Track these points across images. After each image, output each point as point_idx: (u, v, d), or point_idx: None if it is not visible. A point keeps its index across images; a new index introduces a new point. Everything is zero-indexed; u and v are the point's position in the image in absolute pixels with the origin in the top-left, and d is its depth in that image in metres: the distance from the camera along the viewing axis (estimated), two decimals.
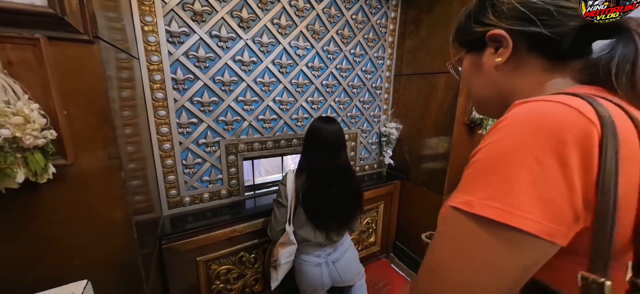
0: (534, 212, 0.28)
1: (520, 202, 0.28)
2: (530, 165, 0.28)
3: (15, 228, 0.64)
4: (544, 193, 0.28)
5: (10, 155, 0.52)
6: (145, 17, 1.18)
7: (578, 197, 0.28)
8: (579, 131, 0.28)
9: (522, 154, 0.29)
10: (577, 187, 0.28)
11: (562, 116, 0.29)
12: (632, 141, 0.29)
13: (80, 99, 0.67)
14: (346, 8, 1.73)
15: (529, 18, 0.38)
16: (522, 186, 0.28)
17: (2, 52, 0.57)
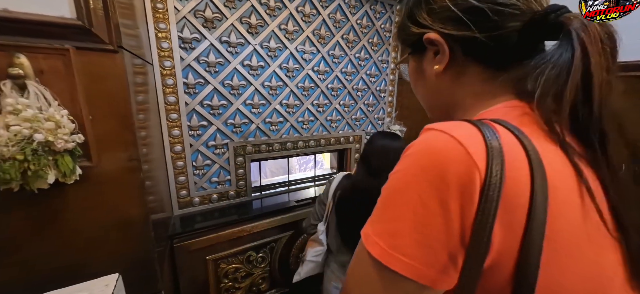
0: (412, 254, 0.28)
1: (401, 243, 0.28)
2: (415, 206, 0.28)
3: (45, 223, 0.69)
4: (423, 237, 0.28)
5: (43, 158, 0.57)
6: (159, 24, 1.23)
7: (456, 241, 0.27)
8: (461, 172, 0.26)
9: (410, 193, 0.29)
10: (455, 231, 0.27)
11: (449, 154, 0.27)
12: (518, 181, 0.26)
13: (104, 105, 0.71)
14: (351, 13, 1.77)
15: (461, 20, 0.33)
16: (406, 228, 0.28)
17: (35, 61, 0.62)
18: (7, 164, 0.53)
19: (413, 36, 0.39)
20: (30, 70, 0.61)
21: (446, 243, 0.27)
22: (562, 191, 0.27)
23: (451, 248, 0.27)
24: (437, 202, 0.27)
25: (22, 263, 0.69)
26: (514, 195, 0.26)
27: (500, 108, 0.34)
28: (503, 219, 0.26)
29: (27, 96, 0.59)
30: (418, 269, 0.28)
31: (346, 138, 1.99)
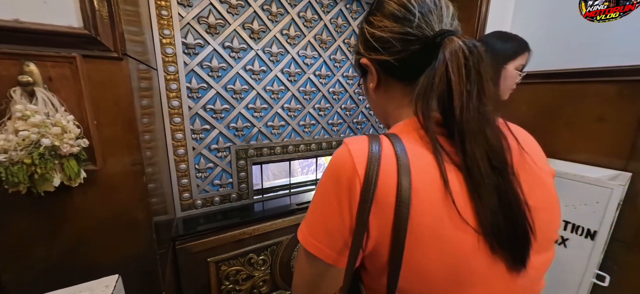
0: (322, 240, 0.37)
1: (316, 231, 0.38)
2: (324, 203, 0.38)
3: (51, 225, 0.71)
4: (328, 227, 0.37)
5: (50, 161, 0.59)
6: (164, 30, 1.26)
7: (347, 230, 0.35)
8: (348, 178, 0.35)
9: (323, 193, 0.38)
10: (346, 222, 0.35)
11: (343, 164, 0.36)
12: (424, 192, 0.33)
13: (109, 110, 0.74)
14: (353, 18, 1.79)
15: (376, 48, 0.42)
16: (319, 220, 0.38)
17: (44, 69, 0.64)
18: (15, 167, 0.55)
19: (357, 63, 0.49)
20: (39, 78, 0.63)
21: (342, 231, 0.36)
22: (425, 192, 0.33)
23: (345, 235, 0.36)
24: (335, 200, 0.36)
25: (29, 262, 0.71)
26: (385, 195, 0.33)
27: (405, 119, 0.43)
28: (377, 214, 0.34)
29: (36, 102, 0.61)
30: (324, 251, 0.37)
31: None
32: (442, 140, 0.36)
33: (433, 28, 0.39)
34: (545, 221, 0.39)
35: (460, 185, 0.34)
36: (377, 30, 0.42)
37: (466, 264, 0.33)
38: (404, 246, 0.32)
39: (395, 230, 0.32)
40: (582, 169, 1.32)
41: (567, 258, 1.25)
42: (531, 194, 0.37)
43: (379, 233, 0.34)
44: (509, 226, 0.34)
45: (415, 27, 0.39)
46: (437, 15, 0.39)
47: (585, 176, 1.17)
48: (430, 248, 0.32)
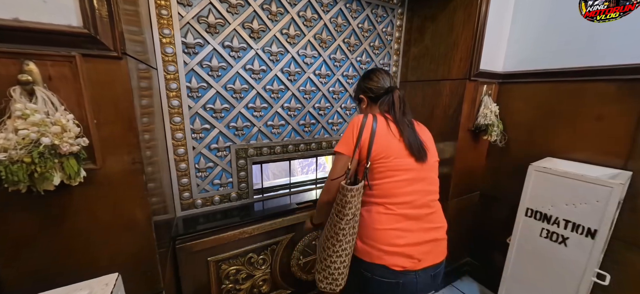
0: (345, 147, 0.92)
1: (344, 143, 0.93)
2: (348, 132, 0.94)
3: (51, 223, 0.71)
4: (349, 141, 0.92)
5: (50, 160, 0.59)
6: (164, 30, 1.26)
7: (354, 140, 0.91)
8: (358, 125, 0.92)
9: (348, 130, 0.95)
10: (355, 137, 0.91)
11: (357, 121, 0.94)
12: (382, 128, 0.91)
13: (108, 109, 0.74)
14: (353, 17, 1.79)
15: (367, 91, 1.05)
16: (346, 138, 0.94)
17: (43, 68, 0.64)
18: (15, 166, 0.56)
19: (356, 96, 1.14)
20: (38, 77, 0.63)
21: (354, 143, 0.91)
22: (380, 129, 0.91)
23: (354, 142, 0.92)
24: (353, 130, 0.93)
25: (30, 260, 0.72)
26: (367, 128, 0.91)
27: (376, 113, 0.99)
28: (364, 134, 0.90)
29: (36, 101, 0.61)
30: (345, 150, 0.93)
31: None
32: (388, 116, 0.97)
33: (388, 85, 1.03)
34: (430, 148, 0.99)
35: (395, 129, 0.93)
36: (368, 85, 1.06)
37: (399, 150, 0.90)
38: (374, 139, 0.89)
39: (370, 136, 0.90)
40: (581, 168, 1.32)
41: (567, 256, 1.25)
42: (423, 138, 0.97)
43: (364, 138, 0.90)
44: (415, 144, 0.91)
45: (381, 85, 1.03)
46: (389, 81, 1.04)
47: (585, 175, 1.17)
48: (382, 140, 0.89)
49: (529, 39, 1.64)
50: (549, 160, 1.48)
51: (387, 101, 0.96)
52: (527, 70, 1.66)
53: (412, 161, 0.87)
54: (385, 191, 0.87)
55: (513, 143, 1.76)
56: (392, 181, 0.86)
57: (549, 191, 1.29)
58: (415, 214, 0.86)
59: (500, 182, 1.86)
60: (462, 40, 1.63)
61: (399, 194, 0.86)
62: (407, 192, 0.86)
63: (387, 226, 0.84)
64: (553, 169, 1.27)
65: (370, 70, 1.07)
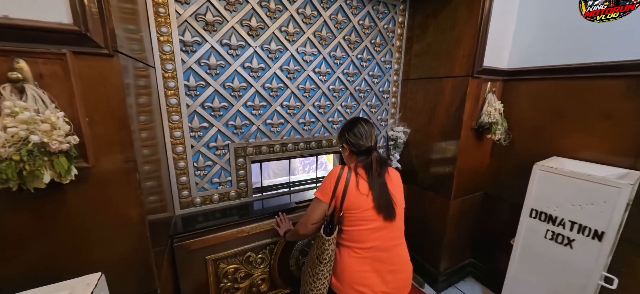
0: (324, 195, 1.06)
1: (323, 192, 1.07)
2: (327, 182, 1.06)
3: (44, 222, 0.71)
4: (327, 190, 1.05)
5: (39, 158, 0.59)
6: (161, 28, 1.25)
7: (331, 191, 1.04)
8: (336, 175, 1.05)
9: (327, 179, 1.07)
10: (332, 189, 1.04)
11: (336, 170, 1.07)
12: (353, 185, 1.03)
13: (101, 107, 0.73)
14: (353, 14, 1.76)
15: (349, 143, 1.11)
16: (325, 188, 1.06)
17: (34, 66, 0.64)
18: (3, 164, 0.55)
19: (341, 144, 1.18)
20: (29, 74, 0.63)
21: (331, 193, 1.05)
22: (352, 185, 1.03)
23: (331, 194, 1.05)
24: (329, 182, 1.06)
25: (24, 259, 0.72)
26: (342, 181, 1.04)
27: (353, 165, 1.09)
28: (338, 189, 1.04)
29: (25, 99, 0.61)
30: (324, 198, 1.07)
31: None
32: (361, 172, 1.06)
33: (368, 144, 1.08)
34: (398, 202, 1.07)
35: (365, 185, 1.03)
36: (351, 138, 1.11)
37: (368, 211, 1.01)
38: (347, 192, 1.02)
39: (344, 188, 1.02)
40: (588, 167, 1.28)
41: (573, 259, 1.21)
42: (393, 192, 1.06)
43: (339, 190, 1.03)
44: (384, 204, 1.02)
45: (362, 144, 1.08)
46: (370, 139, 1.09)
47: (592, 175, 1.13)
48: (352, 197, 1.01)
49: (535, 35, 1.59)
50: (554, 159, 1.44)
51: (366, 160, 1.06)
52: (533, 67, 1.61)
53: (380, 217, 1.01)
54: (355, 236, 1.02)
55: (518, 142, 1.72)
56: (360, 230, 1.01)
57: (554, 192, 1.25)
58: (379, 256, 1.02)
59: (505, 182, 1.82)
60: (465, 37, 1.59)
61: (365, 240, 1.01)
62: (373, 239, 1.01)
63: (356, 269, 1.02)
64: (558, 168, 1.23)
65: (354, 122, 1.12)
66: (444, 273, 1.95)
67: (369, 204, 1.00)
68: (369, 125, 1.11)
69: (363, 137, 1.07)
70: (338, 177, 1.03)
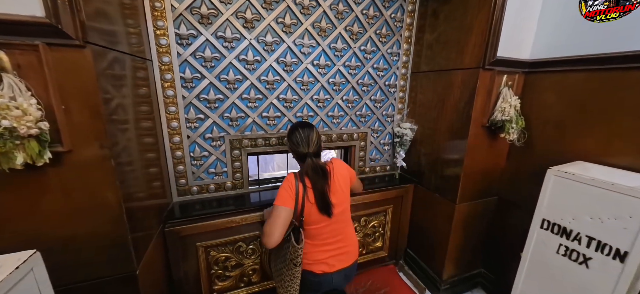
0: (287, 202, 1.13)
1: (285, 200, 1.13)
2: (288, 191, 1.14)
3: (23, 201, 0.78)
4: (290, 197, 1.13)
5: (9, 141, 0.64)
6: (157, 22, 1.30)
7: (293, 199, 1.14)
8: (293, 183, 1.15)
9: (286, 188, 1.15)
10: (294, 196, 1.14)
11: (291, 177, 1.17)
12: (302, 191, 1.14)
13: (76, 96, 0.78)
14: (356, 3, 1.68)
15: (290, 149, 1.24)
16: (286, 196, 1.13)
17: (12, 57, 0.70)
18: None
19: None
20: (8, 65, 0.69)
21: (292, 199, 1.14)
22: (305, 200, 1.15)
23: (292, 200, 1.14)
24: (289, 190, 1.15)
25: (11, 234, 0.80)
26: (300, 193, 1.15)
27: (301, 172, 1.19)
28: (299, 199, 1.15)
29: (2, 88, 0.67)
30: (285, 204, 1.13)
31: (350, 135, 1.91)
32: (307, 181, 1.16)
33: (304, 150, 1.17)
34: (336, 201, 1.18)
35: (311, 193, 1.15)
36: (289, 146, 1.23)
37: (314, 214, 1.16)
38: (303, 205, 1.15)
39: (302, 201, 1.14)
40: (615, 174, 1.09)
41: (588, 280, 1.04)
42: (333, 193, 1.19)
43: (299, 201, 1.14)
44: (323, 206, 1.15)
45: (299, 150, 1.18)
46: (306, 145, 1.17)
47: (616, 184, 0.95)
48: (307, 208, 1.15)
49: (565, 22, 1.38)
50: (577, 164, 1.25)
51: (305, 166, 1.17)
52: (562, 56, 1.40)
53: (324, 217, 1.17)
54: (312, 234, 1.20)
55: (539, 143, 1.52)
56: (314, 228, 1.19)
57: (571, 201, 1.08)
58: (330, 243, 1.22)
59: (522, 187, 1.63)
60: (476, 24, 1.43)
61: (319, 235, 1.20)
62: (324, 234, 1.20)
63: (314, 252, 1.21)
64: (576, 174, 1.06)
65: (293, 129, 1.22)
66: (448, 281, 1.81)
67: (315, 209, 1.15)
68: (308, 130, 1.19)
69: (299, 144, 1.17)
70: (296, 187, 1.14)
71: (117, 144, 0.89)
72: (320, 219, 1.17)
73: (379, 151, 2.07)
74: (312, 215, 1.15)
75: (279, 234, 1.08)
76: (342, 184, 1.23)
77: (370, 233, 1.95)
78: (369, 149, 2.02)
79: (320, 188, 1.14)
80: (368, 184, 1.95)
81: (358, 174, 2.03)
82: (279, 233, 1.08)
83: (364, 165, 2.04)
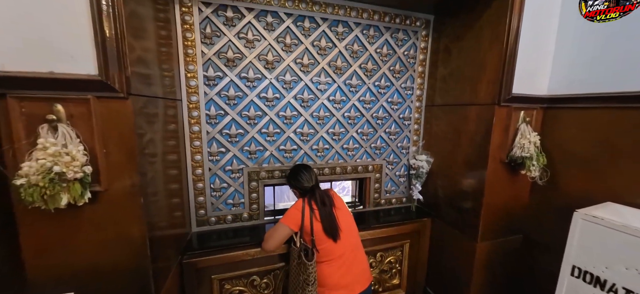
0: (291, 223, 1.35)
1: (290, 220, 1.35)
2: (295, 214, 1.35)
3: (62, 236, 0.86)
4: (296, 218, 1.34)
5: (57, 185, 0.72)
6: (189, 66, 1.44)
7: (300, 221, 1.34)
8: (301, 207, 1.37)
9: (294, 211, 1.36)
10: (300, 219, 1.34)
11: (299, 203, 1.38)
12: (309, 212, 1.34)
13: (116, 140, 0.87)
14: (370, 43, 1.77)
15: (296, 187, 1.46)
16: (293, 218, 1.35)
17: (67, 108, 0.80)
18: (31, 189, 0.70)
19: (291, 186, 1.51)
20: (63, 115, 0.79)
21: (299, 221, 1.34)
22: (306, 215, 1.34)
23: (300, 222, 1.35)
24: (296, 213, 1.36)
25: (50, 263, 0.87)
26: (307, 215, 1.34)
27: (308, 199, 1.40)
28: (306, 219, 1.34)
29: (57, 136, 0.76)
30: (290, 224, 1.36)
31: (365, 167, 1.93)
32: (313, 205, 1.37)
33: (309, 184, 1.43)
34: (344, 227, 1.37)
35: (317, 214, 1.35)
36: (296, 184, 1.45)
37: (320, 232, 1.33)
38: (312, 224, 1.33)
39: (310, 221, 1.33)
40: None
41: None
42: (339, 217, 1.38)
43: (306, 222, 1.33)
44: (329, 226, 1.33)
45: (306, 186, 1.42)
46: (310, 181, 1.43)
47: None
48: (315, 226, 1.33)
49: (582, 58, 1.37)
50: (607, 206, 1.18)
51: (311, 196, 1.39)
52: (580, 93, 1.38)
53: (330, 240, 1.33)
54: (326, 252, 1.33)
55: (563, 180, 1.46)
56: (328, 245, 1.33)
57: (602, 248, 1.01)
58: (346, 261, 1.35)
59: (548, 226, 1.54)
60: (489, 62, 1.45)
61: (333, 251, 1.33)
62: (337, 250, 1.33)
63: (332, 274, 1.33)
64: (606, 219, 1.00)
65: (296, 171, 1.47)
66: None
67: (320, 228, 1.32)
68: (308, 169, 1.47)
69: (305, 180, 1.42)
70: (303, 209, 1.34)
71: (145, 175, 0.97)
72: (324, 239, 1.32)
73: (394, 182, 2.05)
74: (320, 232, 1.32)
75: (275, 244, 1.37)
76: (342, 203, 1.48)
77: (387, 269, 1.89)
78: (384, 180, 2.01)
79: (328, 209, 1.35)
80: (384, 216, 1.92)
81: (373, 206, 2.01)
82: (275, 244, 1.37)
83: (379, 197, 2.02)
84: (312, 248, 1.32)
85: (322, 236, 1.32)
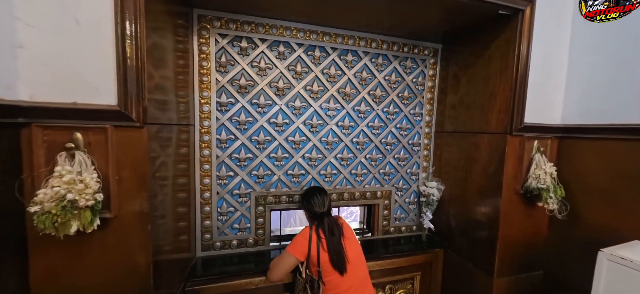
0: (297, 252, 1.32)
1: (296, 249, 1.33)
2: (301, 242, 1.33)
3: (75, 259, 0.86)
4: (302, 248, 1.32)
5: (69, 212, 0.73)
6: (203, 92, 1.49)
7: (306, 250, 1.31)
8: (307, 235, 1.34)
9: (301, 240, 1.33)
10: (307, 248, 1.31)
11: (307, 231, 1.36)
12: (314, 238, 1.32)
13: (129, 167, 0.89)
14: (378, 71, 1.80)
15: (307, 209, 1.45)
16: (300, 246, 1.32)
17: (85, 136, 0.83)
18: (43, 216, 0.71)
19: (303, 208, 1.50)
20: (81, 144, 0.82)
21: (306, 250, 1.31)
22: (313, 244, 1.31)
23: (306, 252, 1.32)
24: (303, 241, 1.33)
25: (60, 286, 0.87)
26: (314, 245, 1.31)
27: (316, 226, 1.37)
28: (312, 249, 1.31)
29: (73, 163, 0.79)
30: (297, 254, 1.33)
31: (373, 193, 1.89)
32: (321, 233, 1.33)
33: (321, 210, 1.39)
34: (352, 258, 1.32)
35: (324, 244, 1.31)
36: (307, 207, 1.43)
37: (326, 263, 1.29)
38: (319, 254, 1.29)
39: (317, 250, 1.29)
40: None
41: None
42: (348, 248, 1.33)
43: (312, 252, 1.30)
44: (336, 258, 1.29)
45: (317, 210, 1.39)
46: (323, 206, 1.40)
47: None
48: (322, 256, 1.29)
49: (595, 87, 1.35)
50: (634, 245, 1.10)
51: (319, 223, 1.36)
52: (596, 124, 1.34)
53: (336, 272, 1.29)
54: (332, 285, 1.29)
55: (584, 214, 1.38)
56: (334, 277, 1.29)
57: (634, 291, 0.93)
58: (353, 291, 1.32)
59: (570, 263, 1.44)
60: (500, 91, 1.44)
61: (340, 285, 1.29)
62: (346, 284, 1.29)
63: None
64: (634, 261, 0.93)
65: (310, 193, 1.45)
66: None
67: (327, 259, 1.29)
68: (323, 194, 1.43)
69: (317, 205, 1.39)
70: (310, 237, 1.31)
71: (155, 197, 0.98)
72: (331, 270, 1.29)
73: (404, 209, 2.00)
74: (327, 263, 1.29)
75: (280, 275, 1.35)
76: (351, 233, 1.44)
77: None
78: (394, 207, 1.96)
79: (336, 240, 1.32)
80: (393, 245, 1.86)
81: (382, 233, 1.95)
82: (281, 274, 1.35)
83: (388, 224, 1.96)
84: (319, 279, 1.28)
85: (328, 267, 1.28)
